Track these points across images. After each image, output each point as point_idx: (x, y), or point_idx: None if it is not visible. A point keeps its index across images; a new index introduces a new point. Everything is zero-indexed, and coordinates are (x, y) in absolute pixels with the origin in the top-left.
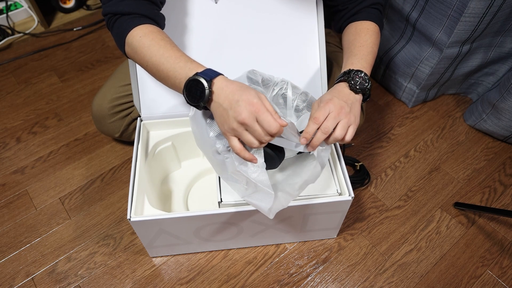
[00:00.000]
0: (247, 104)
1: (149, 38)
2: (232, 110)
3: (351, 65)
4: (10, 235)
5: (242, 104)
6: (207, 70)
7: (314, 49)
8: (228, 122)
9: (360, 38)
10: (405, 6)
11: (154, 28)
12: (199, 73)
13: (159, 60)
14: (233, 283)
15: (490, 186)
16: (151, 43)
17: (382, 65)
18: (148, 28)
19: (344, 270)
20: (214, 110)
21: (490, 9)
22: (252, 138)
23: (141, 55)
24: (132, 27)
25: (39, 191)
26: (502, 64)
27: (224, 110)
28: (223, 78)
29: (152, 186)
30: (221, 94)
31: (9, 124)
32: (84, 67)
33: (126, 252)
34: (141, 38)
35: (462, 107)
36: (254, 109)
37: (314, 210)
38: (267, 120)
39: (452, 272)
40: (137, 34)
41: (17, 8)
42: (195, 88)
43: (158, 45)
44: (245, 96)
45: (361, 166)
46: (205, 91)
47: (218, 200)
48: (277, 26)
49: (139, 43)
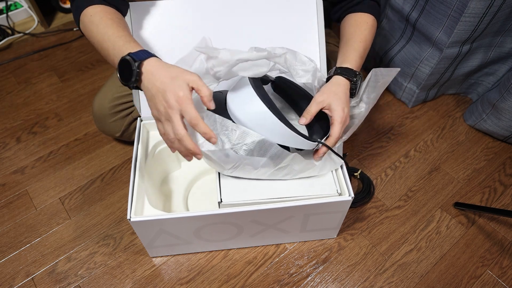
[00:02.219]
0: (170, 97)
1: (98, 16)
2: (156, 98)
3: (354, 61)
4: (10, 235)
5: (167, 95)
6: (141, 51)
7: (314, 49)
8: (153, 109)
9: (360, 32)
10: (405, 6)
11: (107, 9)
12: (131, 53)
13: (103, 38)
14: (233, 283)
15: (490, 186)
16: (99, 21)
17: (382, 65)
18: (102, 8)
19: (344, 270)
20: (144, 92)
21: (490, 9)
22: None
23: (90, 32)
24: (87, 5)
25: (39, 191)
26: (502, 64)
27: (152, 96)
28: (155, 61)
29: (152, 186)
30: (150, 79)
31: (9, 124)
32: (84, 67)
33: (126, 252)
34: (91, 16)
35: (462, 107)
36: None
37: (314, 210)
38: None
39: (452, 272)
40: (89, 13)
41: (17, 8)
42: (126, 68)
43: (105, 23)
44: (171, 86)
45: (361, 174)
46: (132, 72)
47: (218, 200)
48: (277, 26)
49: (89, 20)
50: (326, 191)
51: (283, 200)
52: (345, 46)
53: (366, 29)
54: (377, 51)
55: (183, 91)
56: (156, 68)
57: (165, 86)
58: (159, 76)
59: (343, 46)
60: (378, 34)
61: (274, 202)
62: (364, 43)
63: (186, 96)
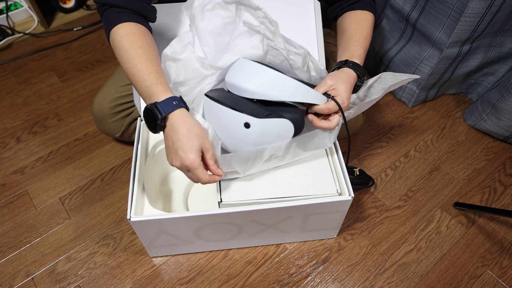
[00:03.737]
0: (182, 157)
1: (129, 41)
2: (171, 153)
3: (361, 58)
4: (10, 235)
5: (180, 155)
6: (167, 102)
7: (313, 49)
8: (167, 158)
9: (363, 29)
10: (405, 6)
11: (137, 30)
12: (157, 103)
13: (131, 70)
14: (233, 283)
15: (490, 186)
16: (129, 48)
17: (382, 65)
18: (132, 28)
19: (344, 270)
20: (165, 137)
21: (490, 9)
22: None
23: (119, 55)
24: (117, 23)
25: (39, 191)
26: (502, 64)
27: (167, 146)
28: (179, 116)
29: (152, 186)
30: (170, 132)
31: (9, 124)
32: (84, 67)
33: (126, 252)
34: (122, 38)
35: (462, 107)
36: (187, 164)
37: (314, 210)
38: (196, 175)
39: (452, 272)
40: (120, 33)
41: (17, 8)
42: (151, 117)
43: (135, 52)
44: (185, 147)
45: (360, 171)
46: (157, 124)
47: (218, 200)
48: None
49: (119, 44)
50: (326, 191)
51: (283, 200)
52: (349, 41)
53: (367, 26)
54: (377, 51)
55: (193, 155)
56: (178, 123)
57: (181, 145)
58: (178, 133)
59: (347, 41)
60: (378, 34)
61: (274, 202)
62: (367, 40)
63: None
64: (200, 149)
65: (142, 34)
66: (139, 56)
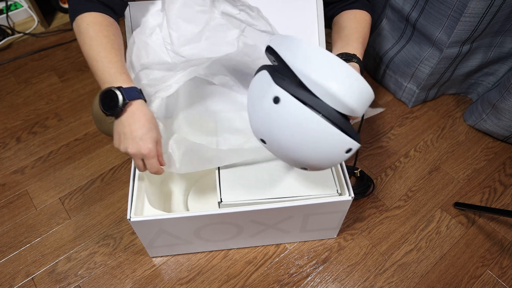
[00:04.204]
0: (141, 146)
1: (95, 29)
2: (127, 140)
3: (361, 56)
4: (10, 235)
5: (139, 143)
6: (131, 89)
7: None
8: (120, 144)
9: (362, 29)
10: (405, 6)
11: (104, 20)
12: (123, 88)
13: (95, 57)
14: (233, 283)
15: (490, 186)
16: (95, 36)
17: (382, 65)
18: (99, 18)
19: (344, 270)
20: (117, 124)
21: (490, 9)
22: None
23: (83, 41)
24: (84, 11)
25: (39, 191)
26: (502, 64)
27: (123, 132)
28: (140, 105)
29: (152, 186)
30: (129, 118)
31: (9, 124)
32: (84, 67)
33: (126, 252)
34: (88, 26)
35: (462, 107)
36: (145, 153)
37: (314, 210)
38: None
39: (452, 272)
40: (86, 21)
41: (17, 8)
42: (111, 98)
43: (101, 40)
44: (146, 137)
45: (361, 173)
46: (117, 107)
47: (218, 200)
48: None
49: (84, 30)
50: (326, 191)
51: (283, 200)
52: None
53: (366, 26)
54: (377, 51)
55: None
56: (138, 112)
57: (141, 134)
58: (137, 121)
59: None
60: (378, 34)
61: (274, 202)
62: (366, 40)
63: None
64: (156, 140)
65: (109, 24)
66: (104, 44)
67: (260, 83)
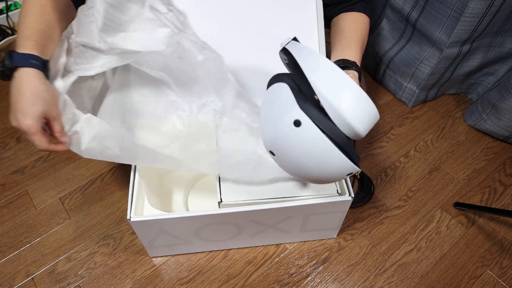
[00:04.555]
0: (20, 120)
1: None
2: (11, 112)
3: (359, 61)
4: (10, 235)
5: (18, 117)
6: (25, 56)
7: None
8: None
9: (360, 32)
10: (405, 6)
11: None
12: (14, 52)
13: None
14: (233, 283)
15: (490, 186)
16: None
17: (382, 65)
18: None
19: (344, 270)
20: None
21: (490, 9)
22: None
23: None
24: None
25: (39, 191)
26: (502, 64)
27: (10, 103)
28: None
29: (152, 186)
30: (14, 88)
31: (9, 124)
32: None
33: (126, 252)
34: None
35: (462, 107)
36: (23, 128)
37: (314, 210)
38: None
39: (452, 272)
40: None
41: (17, 8)
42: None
43: (34, 8)
44: (25, 111)
45: (361, 174)
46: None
47: (218, 200)
48: (276, 26)
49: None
50: (326, 191)
51: (283, 200)
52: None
53: (365, 30)
54: (377, 51)
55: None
56: (25, 82)
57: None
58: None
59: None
60: (378, 34)
61: (274, 202)
62: (364, 44)
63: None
64: (42, 115)
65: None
66: (34, 11)
67: (279, 97)
